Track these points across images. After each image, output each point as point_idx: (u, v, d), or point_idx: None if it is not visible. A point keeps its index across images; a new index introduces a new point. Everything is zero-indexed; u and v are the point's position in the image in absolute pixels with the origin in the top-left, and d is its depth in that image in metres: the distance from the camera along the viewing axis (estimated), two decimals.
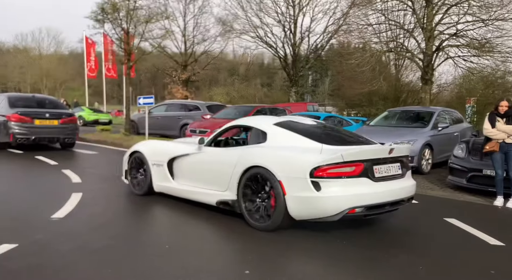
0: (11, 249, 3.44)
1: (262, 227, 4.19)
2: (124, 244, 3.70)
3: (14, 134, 9.96)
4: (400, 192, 4.32)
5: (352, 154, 4.02)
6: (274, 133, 4.63)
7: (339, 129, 5.61)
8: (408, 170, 4.59)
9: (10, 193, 5.70)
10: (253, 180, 4.32)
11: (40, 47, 59.66)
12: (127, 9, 13.23)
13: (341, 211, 3.89)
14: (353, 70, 16.88)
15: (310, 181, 3.89)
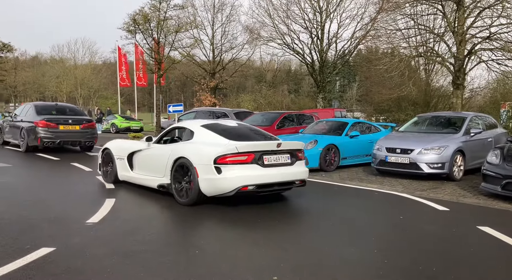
0: (49, 252, 3.61)
1: (183, 202, 5.67)
2: (156, 249, 3.81)
3: (42, 138, 11.23)
4: (287, 176, 5.77)
5: (245, 146, 5.47)
6: (199, 132, 6.11)
7: (252, 129, 6.66)
8: (299, 160, 5.99)
9: (49, 198, 5.98)
10: (180, 168, 5.78)
11: (75, 58, 62.03)
12: (157, 20, 13.65)
13: (235, 188, 5.33)
14: (382, 75, 16.65)
15: (214, 167, 5.34)
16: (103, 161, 7.39)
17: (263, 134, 6.47)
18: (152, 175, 6.39)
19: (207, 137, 5.95)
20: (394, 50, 16.36)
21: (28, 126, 11.58)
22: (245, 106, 35.52)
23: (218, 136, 5.86)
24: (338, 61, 26.21)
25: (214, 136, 5.89)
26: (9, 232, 4.18)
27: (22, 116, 12.50)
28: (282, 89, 50.41)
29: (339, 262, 3.62)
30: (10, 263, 3.31)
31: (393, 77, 15.38)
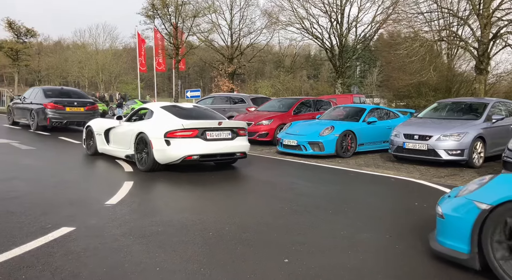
0: (69, 231, 3.76)
1: (143, 169, 6.94)
2: (173, 231, 3.91)
3: (50, 119, 12.64)
4: (227, 149, 7.07)
5: (190, 124, 6.69)
6: (157, 112, 7.29)
7: (204, 111, 7.85)
8: (240, 136, 7.26)
9: (70, 180, 6.18)
10: (140, 141, 7.04)
11: (97, 43, 62.85)
12: (175, 4, 13.63)
13: (181, 157, 6.62)
14: (402, 60, 16.25)
15: (164, 140, 6.61)
16: (86, 136, 8.82)
17: (212, 115, 7.68)
18: (122, 148, 7.73)
19: (163, 116, 7.16)
20: (416, 35, 15.91)
21: (38, 108, 12.92)
22: (263, 92, 35.39)
23: (172, 115, 7.11)
24: (358, 46, 25.73)
25: (168, 116, 7.11)
26: (33, 212, 4.36)
27: (31, 98, 13.67)
28: (301, 74, 49.91)
29: (352, 247, 3.64)
30: (33, 241, 3.47)
31: (414, 62, 14.99)
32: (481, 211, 2.89)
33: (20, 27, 30.02)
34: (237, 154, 7.31)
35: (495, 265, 2.79)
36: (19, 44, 29.87)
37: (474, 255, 2.93)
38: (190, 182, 6.42)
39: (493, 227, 2.84)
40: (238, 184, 6.49)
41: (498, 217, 2.82)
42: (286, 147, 9.71)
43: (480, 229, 2.90)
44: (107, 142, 8.28)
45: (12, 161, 7.62)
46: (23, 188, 5.48)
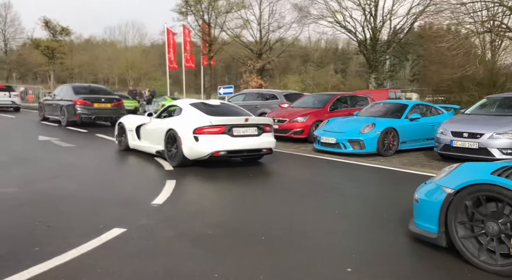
0: (122, 233, 3.70)
1: (173, 164, 7.08)
2: (223, 233, 3.80)
3: (80, 114, 13.26)
4: (253, 145, 7.16)
5: (218, 120, 6.84)
6: (186, 109, 7.48)
7: (231, 107, 8.05)
8: (266, 132, 7.33)
9: (113, 179, 6.19)
10: (170, 137, 7.22)
11: (126, 40, 64.06)
12: (209, 1, 13.56)
13: (209, 153, 6.74)
14: (443, 54, 15.54)
15: (193, 136, 6.76)
16: (118, 133, 9.13)
17: (239, 111, 7.80)
18: (152, 144, 7.93)
19: (191, 113, 7.33)
20: (458, 26, 15.18)
21: (68, 104, 13.58)
22: (292, 87, 35.05)
23: (200, 112, 7.26)
24: (394, 39, 24.96)
25: (197, 112, 7.27)
26: (83, 211, 4.34)
27: (61, 95, 14.41)
28: (328, 68, 49.18)
29: (412, 255, 3.42)
30: (88, 242, 3.42)
31: (456, 55, 14.30)
32: (447, 195, 3.25)
33: (56, 26, 30.89)
34: (263, 150, 7.43)
35: (458, 242, 3.19)
36: (54, 42, 30.72)
37: (442, 234, 3.29)
38: (230, 181, 6.31)
39: (456, 209, 3.21)
40: (278, 183, 6.32)
41: (460, 200, 3.18)
42: (324, 145, 9.45)
43: (446, 211, 3.25)
44: (138, 138, 8.54)
45: (55, 159, 7.74)
46: (69, 186, 5.50)
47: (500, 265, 2.96)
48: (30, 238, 3.49)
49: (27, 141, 10.29)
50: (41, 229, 3.73)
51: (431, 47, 17.00)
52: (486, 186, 3.05)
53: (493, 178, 3.02)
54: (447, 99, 17.38)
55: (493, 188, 3.00)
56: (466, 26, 14.74)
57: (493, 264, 3.00)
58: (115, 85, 62.21)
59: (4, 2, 58.25)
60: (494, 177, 3.02)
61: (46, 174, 6.26)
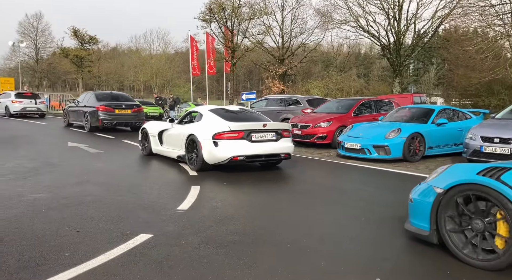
0: (148, 239, 3.75)
1: (193, 168, 7.35)
2: (249, 240, 3.79)
3: (102, 120, 14.00)
4: (272, 150, 7.26)
5: (236, 126, 7.01)
6: (206, 115, 7.70)
7: (250, 113, 8.17)
8: (284, 138, 7.44)
9: (139, 184, 6.28)
10: (191, 142, 7.46)
11: (151, 48, 65.35)
12: (232, 7, 13.68)
13: (228, 158, 6.92)
14: (471, 57, 15.11)
15: (212, 142, 6.95)
16: (142, 138, 9.50)
17: (257, 117, 7.93)
18: (174, 149, 8.22)
19: (211, 119, 7.52)
20: (486, 29, 14.74)
21: (91, 110, 14.30)
22: (315, 92, 34.84)
23: (219, 118, 7.42)
24: (418, 43, 24.49)
25: (216, 118, 7.44)
26: (110, 217, 4.42)
27: (84, 102, 15.17)
28: (350, 73, 48.65)
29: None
30: (116, 248, 3.48)
31: (485, 58, 13.86)
32: (437, 194, 3.44)
33: (84, 35, 31.84)
34: (281, 155, 7.53)
35: (446, 235, 3.39)
36: (83, 51, 31.65)
37: (433, 232, 3.49)
38: (255, 187, 6.31)
39: (446, 207, 3.40)
40: (303, 189, 6.26)
41: (450, 198, 3.36)
42: (348, 151, 9.34)
43: (437, 209, 3.44)
44: (160, 143, 8.84)
45: (84, 164, 7.93)
46: (98, 192, 5.62)
47: (480, 259, 3.18)
48: (61, 243, 3.57)
49: (57, 146, 10.60)
50: (71, 234, 3.82)
51: (458, 50, 16.55)
52: (471, 185, 3.25)
53: (478, 177, 3.22)
54: (475, 103, 16.86)
55: (477, 187, 3.20)
56: (495, 28, 14.29)
57: (474, 257, 3.22)
58: (140, 91, 63.50)
59: (36, 13, 60.54)
60: (478, 176, 3.22)
61: (75, 179, 6.43)
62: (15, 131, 14.35)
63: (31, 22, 58.38)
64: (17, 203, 4.88)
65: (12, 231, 3.88)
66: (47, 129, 15.83)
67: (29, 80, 62.98)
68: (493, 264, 3.10)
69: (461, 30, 18.19)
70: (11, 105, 20.49)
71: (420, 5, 23.47)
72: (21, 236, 3.74)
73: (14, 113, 20.34)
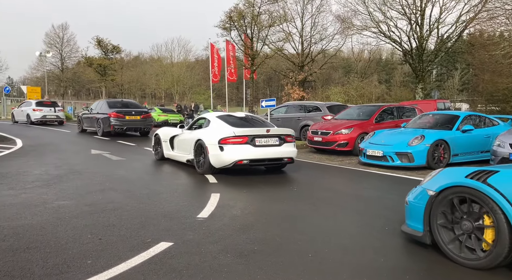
0: (169, 247, 3.75)
1: (200, 172, 7.79)
2: (269, 249, 3.74)
3: (114, 126, 15.10)
4: (275, 154, 7.59)
5: (241, 131, 7.42)
6: (213, 121, 8.12)
7: (254, 119, 8.57)
8: (288, 143, 7.77)
9: (160, 191, 6.32)
10: (199, 147, 7.88)
11: (172, 56, 66.35)
12: (252, 15, 13.76)
13: (233, 161, 7.30)
14: (497, 61, 14.67)
15: (218, 146, 7.34)
16: (155, 143, 9.98)
17: (261, 123, 8.36)
18: (183, 153, 8.64)
19: (218, 125, 7.93)
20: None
21: (103, 117, 15.43)
22: (335, 98, 34.55)
23: (225, 124, 7.83)
24: (441, 48, 24.01)
25: (222, 124, 7.87)
26: (132, 224, 4.45)
27: (97, 109, 16.30)
28: (371, 79, 48.08)
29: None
30: (136, 256, 3.49)
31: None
32: (429, 196, 3.64)
33: (107, 45, 32.64)
34: (284, 159, 7.82)
35: (435, 230, 3.58)
36: (106, 60, 32.43)
37: (426, 233, 3.66)
38: (275, 195, 6.26)
39: (437, 208, 3.59)
40: (324, 197, 6.17)
41: (441, 200, 3.56)
42: (370, 158, 9.19)
43: (430, 211, 3.63)
44: (171, 148, 9.30)
45: (106, 172, 8.05)
46: (120, 199, 5.68)
47: (462, 257, 3.38)
48: (83, 251, 3.61)
49: (80, 154, 10.82)
50: (93, 242, 3.86)
51: (483, 55, 16.10)
52: (460, 188, 3.43)
53: (466, 180, 3.40)
54: (502, 109, 16.30)
55: (465, 190, 3.39)
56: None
57: (457, 254, 3.42)
58: (162, 99, 64.47)
59: (62, 24, 62.49)
60: (466, 179, 3.40)
61: (97, 187, 6.53)
62: (40, 139, 14.75)
63: (57, 33, 60.27)
64: (42, 210, 4.98)
65: (36, 238, 3.95)
66: (70, 136, 16.20)
67: (55, 89, 64.93)
68: (474, 264, 3.30)
69: (486, 34, 17.75)
70: (32, 113, 21.72)
71: (444, 10, 23.06)
72: (45, 243, 3.80)
73: (35, 121, 21.57)
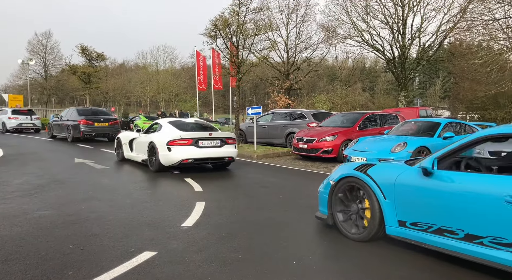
0: (152, 256, 3.72)
1: (153, 170, 9.05)
2: (253, 258, 3.74)
3: (83, 132, 16.21)
4: (216, 154, 8.91)
5: (186, 134, 8.73)
6: (165, 126, 9.39)
7: (201, 124, 9.98)
8: (228, 144, 9.11)
9: (144, 200, 6.26)
10: (151, 148, 9.12)
11: (158, 64, 66.00)
12: (237, 24, 13.85)
13: (179, 160, 8.58)
14: (476, 70, 15.07)
15: (166, 147, 8.60)
16: (117, 146, 11.15)
17: (207, 128, 9.68)
18: (140, 154, 9.84)
19: (168, 129, 9.18)
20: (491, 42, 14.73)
21: (73, 124, 16.56)
22: (320, 106, 34.87)
23: (174, 128, 9.11)
24: (423, 56, 24.51)
25: (172, 128, 9.11)
26: (115, 234, 4.40)
27: (67, 117, 17.46)
28: (355, 87, 48.75)
29: None
30: (119, 266, 3.45)
31: (490, 72, 13.81)
32: (331, 185, 4.57)
33: (92, 52, 32.34)
34: (225, 158, 9.16)
35: (335, 212, 4.55)
36: (90, 68, 32.12)
37: (329, 215, 4.61)
38: (259, 202, 6.26)
39: (336, 194, 4.53)
40: (308, 204, 6.19)
41: (339, 188, 4.52)
42: None
43: (331, 197, 4.58)
44: (131, 150, 10.49)
45: (90, 181, 7.94)
46: (103, 208, 5.61)
47: (352, 233, 4.32)
48: (64, 262, 3.55)
49: (63, 163, 10.65)
50: (75, 252, 3.80)
51: (463, 63, 16.51)
52: (349, 178, 4.38)
53: (353, 171, 4.35)
54: (482, 117, 16.71)
55: (353, 179, 4.33)
56: (499, 42, 14.28)
57: (349, 231, 4.36)
58: (147, 107, 63.98)
59: (45, 31, 61.76)
60: (354, 171, 4.35)
61: (80, 196, 6.43)
62: (22, 147, 14.47)
63: (40, 40, 59.60)
64: (22, 221, 4.88)
65: (16, 249, 3.87)
66: (53, 145, 15.94)
67: (38, 97, 63.90)
68: (357, 237, 4.23)
69: (465, 43, 18.24)
70: (8, 121, 21.75)
71: (425, 19, 23.59)
72: (25, 254, 3.73)
73: (10, 129, 21.62)
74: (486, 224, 3.20)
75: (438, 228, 3.55)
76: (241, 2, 14.13)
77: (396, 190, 3.87)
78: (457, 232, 3.41)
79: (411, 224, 3.77)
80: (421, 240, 3.68)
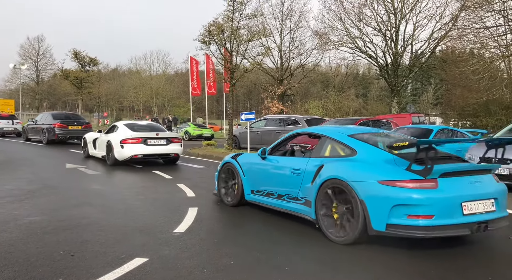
0: (144, 263, 3.67)
1: (109, 163, 10.79)
2: (246, 264, 3.72)
3: (58, 134, 17.31)
4: (163, 151, 10.73)
5: (136, 135, 10.52)
6: (120, 127, 11.11)
7: (153, 126, 11.80)
8: (173, 143, 10.91)
9: (136, 206, 6.22)
10: (108, 146, 10.82)
11: (151, 69, 65.90)
12: (231, 30, 13.90)
13: (130, 156, 10.41)
14: (467, 77, 15.24)
15: (120, 145, 10.39)
16: (83, 145, 12.91)
17: (157, 129, 11.43)
18: (101, 151, 11.48)
19: (122, 130, 10.94)
20: (482, 50, 14.93)
21: (48, 127, 17.53)
22: (313, 112, 35.01)
23: (128, 129, 10.89)
24: (416, 63, 24.74)
25: (125, 129, 10.89)
26: (106, 240, 4.36)
27: (42, 120, 18.40)
28: (349, 93, 49.05)
29: None
30: (110, 272, 3.41)
31: (482, 79, 13.97)
32: (220, 167, 6.46)
33: (85, 57, 32.23)
34: (171, 154, 10.94)
35: (220, 189, 6.46)
36: (83, 72, 31.99)
37: (218, 191, 6.45)
38: (252, 208, 6.22)
39: (222, 174, 6.39)
40: None
41: (223, 170, 6.39)
42: None
43: (219, 177, 6.45)
44: (94, 148, 12.13)
45: (81, 186, 7.88)
46: (94, 214, 5.56)
47: (228, 201, 6.34)
48: (54, 268, 3.50)
49: (55, 168, 10.56)
50: (65, 258, 3.76)
51: (455, 71, 16.69)
52: (227, 163, 6.22)
53: (229, 159, 6.19)
54: (473, 124, 16.89)
55: (229, 164, 6.20)
56: (490, 50, 14.47)
57: (225, 199, 6.34)
58: (140, 112, 63.75)
59: (37, 36, 61.47)
60: (230, 158, 6.19)
61: (71, 201, 6.37)
62: (13, 153, 14.32)
63: (33, 45, 59.29)
64: (12, 227, 4.82)
65: (5, 256, 3.81)
66: (45, 150, 15.80)
67: (30, 101, 63.39)
68: (231, 203, 6.16)
69: (457, 51, 18.45)
70: None
71: (417, 27, 23.87)
72: (14, 261, 3.68)
73: None
74: (284, 187, 5.14)
75: (267, 192, 5.48)
76: (234, 8, 14.22)
77: (249, 170, 5.83)
78: (274, 194, 5.35)
79: (256, 191, 5.69)
80: (260, 202, 5.61)
